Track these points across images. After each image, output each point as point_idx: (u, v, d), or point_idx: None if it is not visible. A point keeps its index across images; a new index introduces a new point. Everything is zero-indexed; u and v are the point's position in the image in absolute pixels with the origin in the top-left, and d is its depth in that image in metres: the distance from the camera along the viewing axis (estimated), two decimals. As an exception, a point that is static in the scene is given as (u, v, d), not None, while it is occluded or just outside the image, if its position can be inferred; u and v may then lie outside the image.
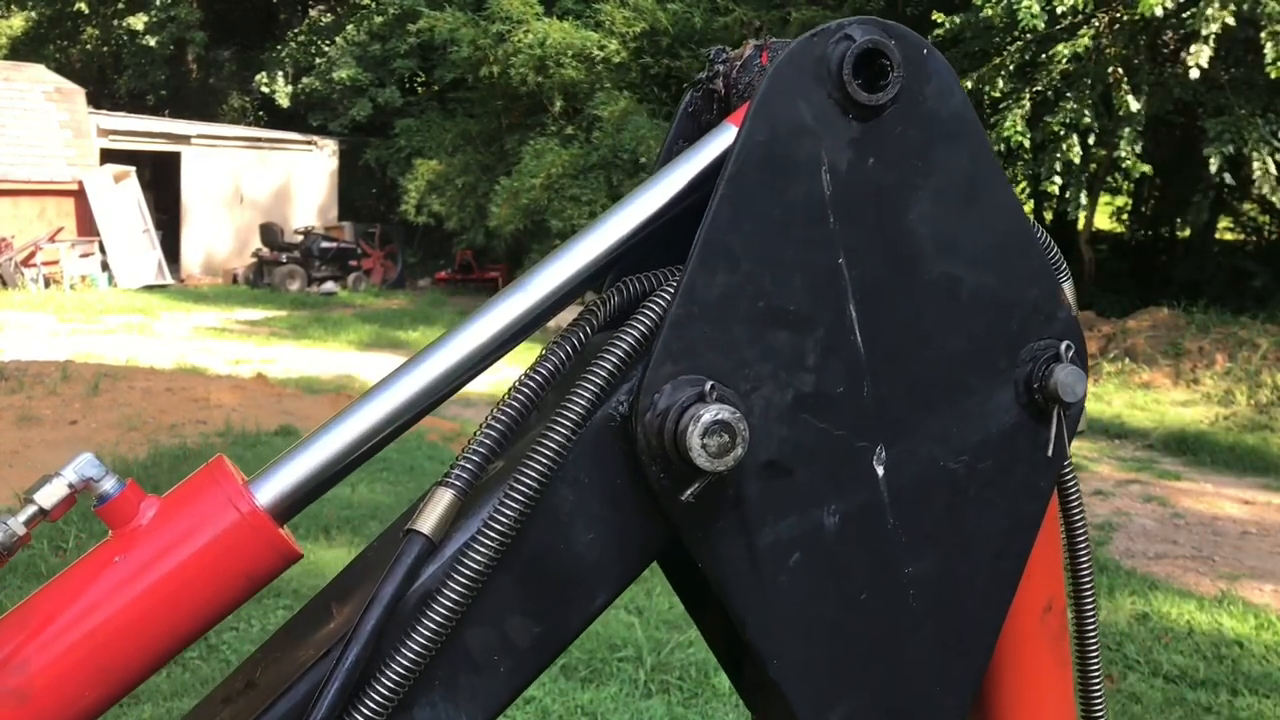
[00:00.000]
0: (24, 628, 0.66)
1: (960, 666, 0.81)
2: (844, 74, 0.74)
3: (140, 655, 0.67)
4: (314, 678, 0.67)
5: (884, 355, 0.77)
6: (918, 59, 0.76)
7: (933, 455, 0.79)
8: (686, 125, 0.89)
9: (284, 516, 0.69)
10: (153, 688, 4.24)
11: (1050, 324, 0.82)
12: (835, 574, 0.77)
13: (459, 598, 0.67)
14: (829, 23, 0.75)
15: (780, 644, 0.76)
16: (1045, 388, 0.80)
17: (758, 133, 0.73)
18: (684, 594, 0.96)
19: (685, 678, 4.51)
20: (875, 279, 0.76)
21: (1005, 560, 0.82)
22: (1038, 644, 0.90)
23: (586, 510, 0.72)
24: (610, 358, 0.71)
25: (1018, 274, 0.81)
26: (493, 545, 0.68)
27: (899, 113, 0.76)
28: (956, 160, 0.78)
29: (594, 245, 0.74)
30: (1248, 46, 12.61)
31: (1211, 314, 13.88)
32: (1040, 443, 0.82)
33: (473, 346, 0.72)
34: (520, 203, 19.06)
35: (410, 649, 0.66)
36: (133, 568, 0.66)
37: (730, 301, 0.73)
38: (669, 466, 0.70)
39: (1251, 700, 4.49)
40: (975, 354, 0.80)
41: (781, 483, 0.74)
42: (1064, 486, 0.89)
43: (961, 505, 0.80)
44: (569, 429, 0.69)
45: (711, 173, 0.75)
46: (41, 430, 8.80)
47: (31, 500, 0.68)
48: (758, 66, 0.82)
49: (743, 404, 0.72)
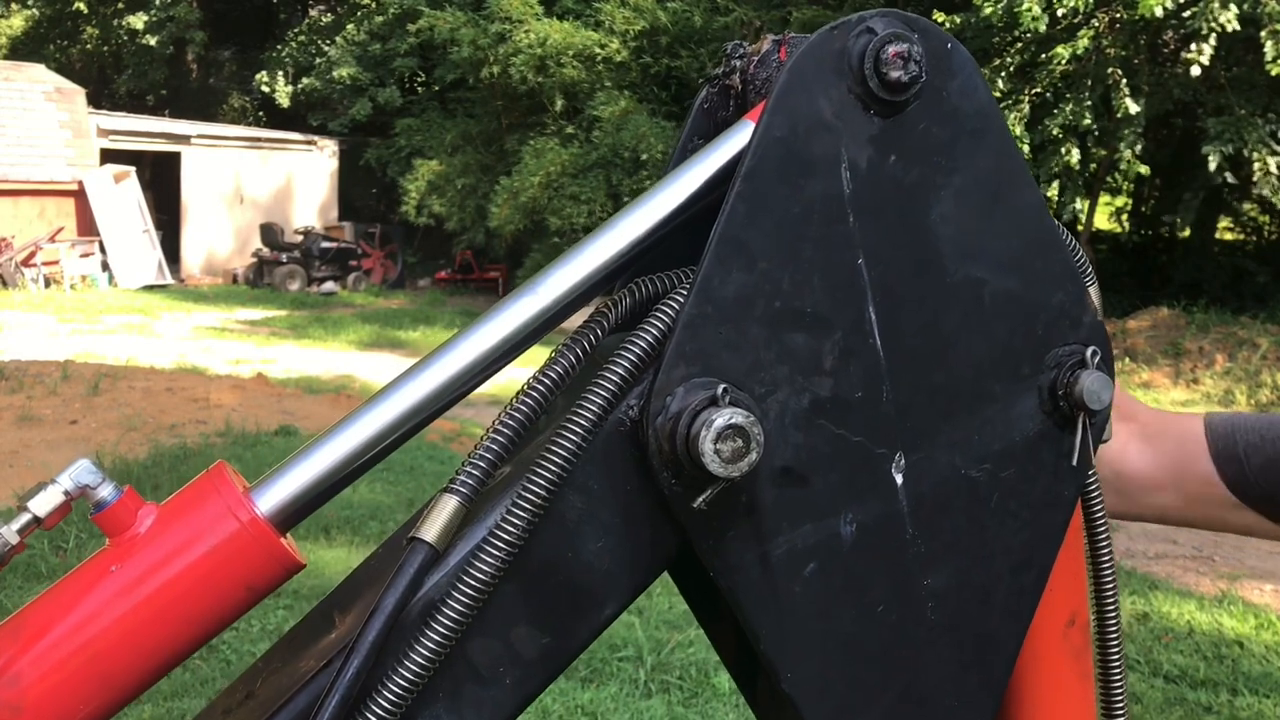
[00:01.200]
0: (17, 639, 0.65)
1: (980, 682, 0.78)
2: (865, 68, 0.71)
3: (137, 667, 0.66)
4: (314, 689, 0.65)
5: (904, 359, 0.74)
6: (942, 53, 0.74)
7: (953, 463, 0.76)
8: (702, 122, 0.86)
9: (285, 525, 0.67)
10: (153, 688, 4.23)
11: (1076, 329, 0.79)
12: (851, 585, 0.74)
13: (464, 608, 0.65)
14: (849, 16, 0.73)
15: (794, 657, 0.73)
16: (1071, 394, 0.77)
17: (776, 128, 0.71)
18: (694, 604, 0.93)
19: (685, 678, 4.50)
20: (896, 280, 0.74)
21: (1027, 572, 0.79)
22: (1060, 659, 0.88)
23: (596, 518, 0.70)
24: (623, 361, 0.69)
25: (1043, 277, 0.78)
26: (499, 554, 0.65)
27: (921, 109, 0.73)
28: (981, 158, 0.75)
29: (608, 246, 0.72)
30: (1248, 46, 12.60)
31: (1211, 314, 13.89)
32: (1065, 451, 0.79)
33: (481, 351, 0.69)
34: (520, 201, 19.07)
35: (414, 660, 0.64)
36: (130, 577, 0.65)
37: (746, 302, 0.70)
38: (681, 472, 0.68)
39: (1251, 700, 4.49)
40: (998, 359, 0.77)
41: (797, 490, 0.72)
42: (1088, 496, 0.86)
43: (983, 515, 0.77)
44: (580, 435, 0.67)
45: (730, 171, 0.72)
46: (41, 430, 8.79)
47: (25, 508, 0.66)
48: (775, 62, 0.79)
49: (757, 408, 0.69)
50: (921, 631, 0.76)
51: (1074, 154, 12.83)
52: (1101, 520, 0.86)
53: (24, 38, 33.57)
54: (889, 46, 0.71)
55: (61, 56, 33.15)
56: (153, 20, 30.57)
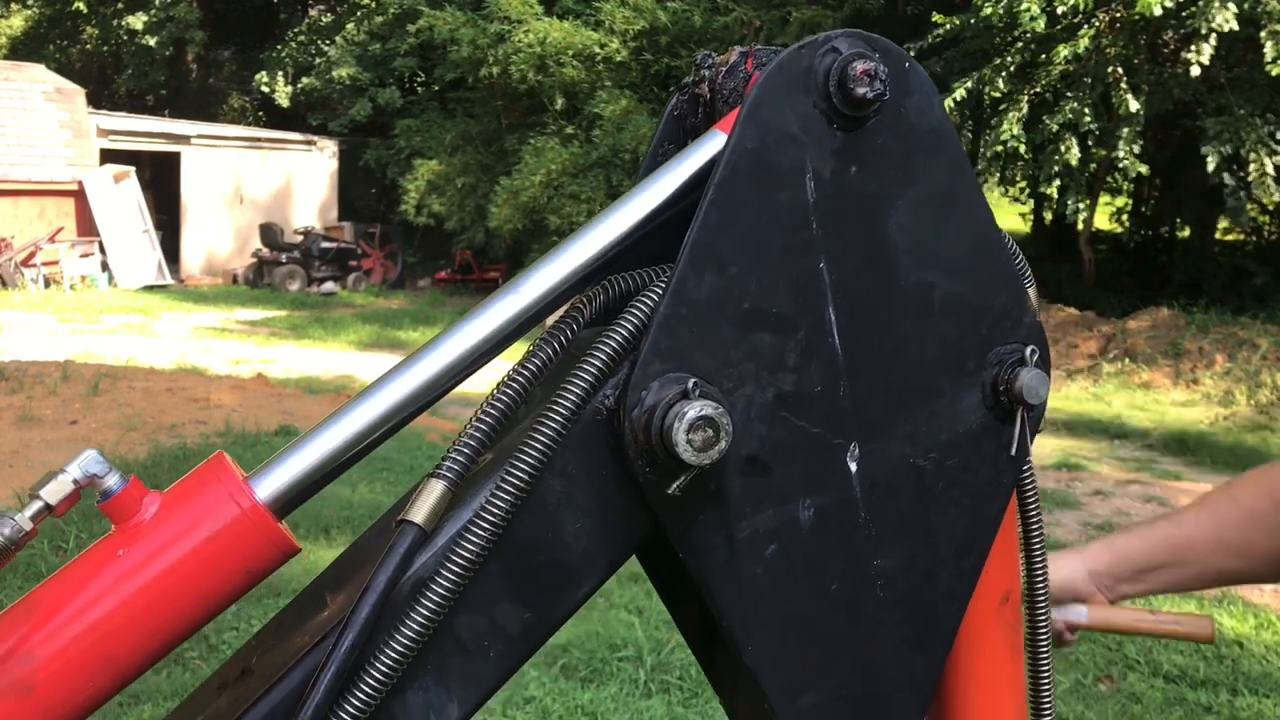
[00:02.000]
0: (29, 620, 0.67)
1: (924, 654, 0.85)
2: (830, 85, 0.76)
3: (142, 647, 0.69)
4: (310, 664, 0.69)
5: (860, 357, 0.79)
6: (900, 72, 0.79)
7: (903, 453, 0.82)
8: (672, 128, 0.91)
9: (282, 511, 0.71)
10: (153, 687, 4.26)
11: (1017, 329, 0.85)
12: (808, 566, 0.80)
13: (451, 585, 0.69)
14: (816, 35, 0.78)
15: (755, 633, 0.78)
16: (1011, 390, 0.83)
17: (747, 140, 0.75)
18: (659, 584, 0.99)
19: (685, 678, 4.52)
20: (854, 284, 0.79)
21: (968, 554, 0.85)
22: (994, 633, 0.94)
23: (574, 501, 0.74)
24: (600, 354, 0.73)
25: (988, 281, 0.84)
26: (484, 535, 0.70)
27: (881, 124, 0.78)
28: (934, 171, 0.81)
29: (587, 248, 0.77)
30: (1248, 46, 12.61)
31: (1211, 314, 13.88)
32: (1004, 442, 0.85)
33: (466, 346, 0.74)
34: (520, 201, 19.09)
35: (404, 635, 0.68)
36: (136, 561, 0.68)
37: (717, 303, 0.75)
38: (655, 461, 0.73)
39: (1251, 700, 4.49)
40: (946, 357, 0.83)
41: (760, 478, 0.77)
42: (1022, 484, 0.92)
43: (929, 501, 0.83)
44: (560, 422, 0.72)
45: (701, 178, 0.77)
46: (41, 430, 8.81)
47: (38, 496, 0.69)
48: (743, 73, 0.85)
49: (726, 401, 0.74)
50: (871, 609, 0.82)
51: (1074, 152, 12.84)
52: (1034, 506, 0.93)
53: (24, 38, 33.59)
54: (856, 63, 0.76)
55: (61, 56, 33.17)
56: (153, 20, 30.59)
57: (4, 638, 0.67)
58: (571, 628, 4.89)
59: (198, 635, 4.67)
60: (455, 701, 0.73)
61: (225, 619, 4.84)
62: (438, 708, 0.73)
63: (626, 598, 5.29)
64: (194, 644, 4.62)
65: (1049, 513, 7.50)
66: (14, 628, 0.67)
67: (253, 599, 4.80)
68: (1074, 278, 17.42)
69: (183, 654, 4.56)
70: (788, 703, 0.80)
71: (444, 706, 0.73)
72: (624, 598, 5.29)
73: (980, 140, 15.17)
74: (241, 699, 0.71)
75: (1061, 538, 6.80)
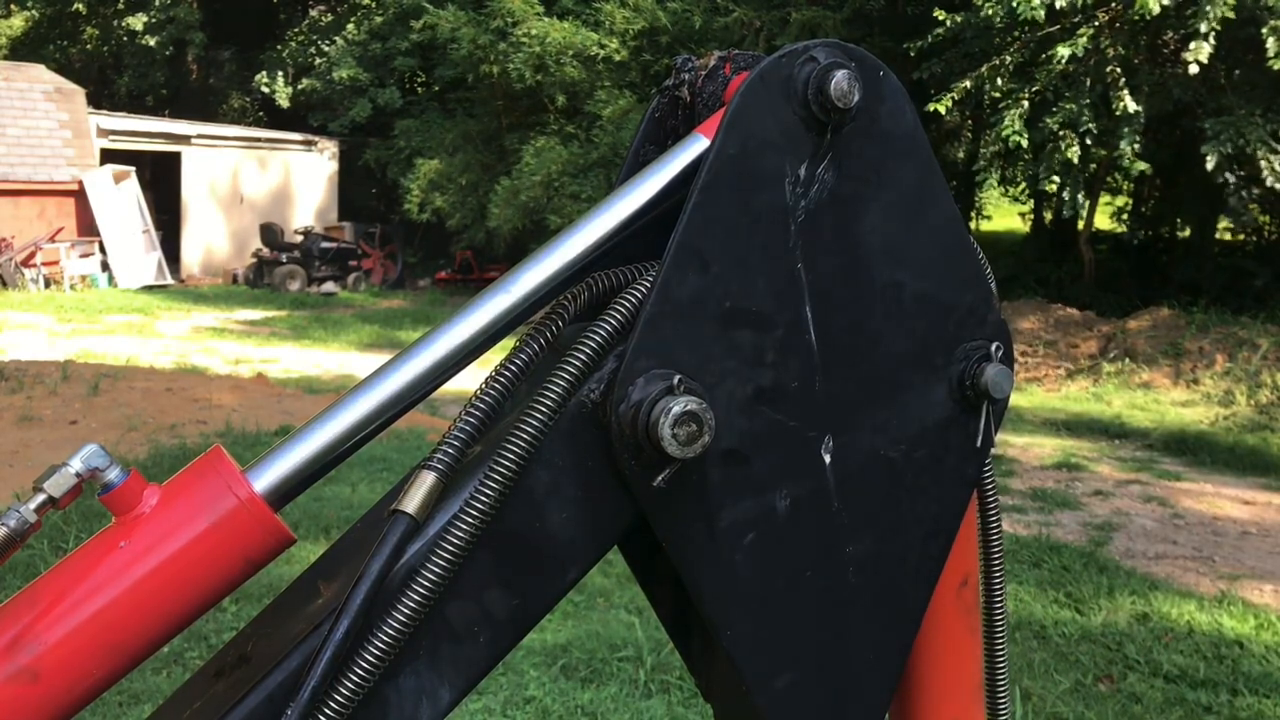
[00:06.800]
0: (34, 610, 0.69)
1: (893, 637, 0.89)
2: (809, 93, 0.80)
3: (144, 635, 0.71)
4: (306, 650, 0.71)
5: (835, 353, 0.83)
6: (874, 80, 0.82)
7: (874, 445, 0.86)
8: (652, 130, 0.94)
9: (278, 503, 0.73)
10: (153, 687, 4.27)
11: (982, 326, 0.89)
12: (785, 552, 0.83)
13: (442, 573, 0.72)
14: (795, 45, 0.81)
15: (733, 617, 0.82)
16: (976, 385, 0.88)
17: (730, 145, 0.79)
18: (638, 570, 1.02)
19: (685, 678, 4.51)
20: (829, 283, 0.83)
21: (934, 540, 0.90)
22: (954, 615, 0.99)
23: (560, 491, 0.77)
24: (584, 349, 0.76)
25: (955, 280, 0.88)
26: (473, 524, 0.72)
27: (856, 130, 0.82)
28: (906, 176, 0.85)
29: (573, 247, 0.79)
30: (1248, 46, 12.62)
31: (1211, 314, 13.87)
32: (970, 434, 0.89)
33: (457, 343, 0.76)
34: (520, 201, 19.11)
35: (396, 621, 0.70)
36: (137, 551, 0.70)
37: (700, 302, 0.78)
38: (640, 454, 0.75)
39: (1251, 700, 4.49)
40: (916, 353, 0.87)
41: (740, 469, 0.80)
42: (982, 474, 0.96)
43: (898, 490, 0.87)
44: (545, 414, 0.74)
45: (683, 180, 0.81)
46: (41, 430, 8.83)
47: (41, 489, 0.71)
48: (722, 77, 0.88)
49: (708, 396, 0.77)
50: (844, 594, 0.86)
51: (1074, 149, 12.85)
52: (993, 495, 0.97)
53: (24, 38, 33.60)
54: (836, 71, 0.79)
55: (61, 57, 33.18)
56: (153, 21, 30.60)
57: (9, 627, 0.68)
58: (571, 628, 4.91)
59: (197, 636, 4.69)
60: (446, 685, 0.76)
61: (225, 619, 4.86)
62: (429, 691, 0.75)
63: (626, 598, 5.30)
64: (194, 644, 4.64)
65: (1049, 513, 7.51)
66: (19, 618, 0.69)
67: (253, 599, 4.81)
68: (1074, 277, 17.43)
69: (182, 654, 4.58)
70: (764, 684, 0.84)
71: (435, 690, 0.75)
72: (624, 598, 5.31)
73: (980, 140, 15.19)
74: (239, 685, 0.73)
75: (1061, 538, 6.81)
